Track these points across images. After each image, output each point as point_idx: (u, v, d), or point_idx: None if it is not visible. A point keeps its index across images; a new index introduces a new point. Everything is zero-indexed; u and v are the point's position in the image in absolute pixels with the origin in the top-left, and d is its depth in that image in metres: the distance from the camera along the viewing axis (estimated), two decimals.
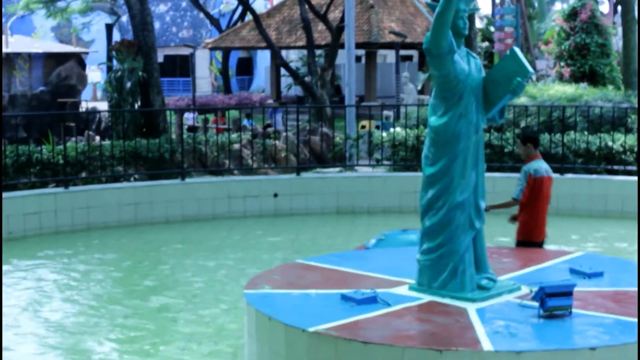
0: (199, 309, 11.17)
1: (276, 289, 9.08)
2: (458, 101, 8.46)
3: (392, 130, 20.66)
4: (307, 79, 35.72)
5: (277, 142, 22.42)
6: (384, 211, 17.65)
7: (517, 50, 8.53)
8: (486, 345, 7.27)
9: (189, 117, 33.05)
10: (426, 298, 8.63)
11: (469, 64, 8.55)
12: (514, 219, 11.45)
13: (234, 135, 22.00)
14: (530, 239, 11.12)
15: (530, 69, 8.44)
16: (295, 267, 10.17)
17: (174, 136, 22.58)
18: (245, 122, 28.20)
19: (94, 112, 32.44)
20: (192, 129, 27.27)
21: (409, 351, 7.22)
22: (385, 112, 29.03)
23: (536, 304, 8.09)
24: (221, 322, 10.65)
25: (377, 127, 22.63)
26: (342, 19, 31.60)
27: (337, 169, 20.04)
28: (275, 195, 17.47)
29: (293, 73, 36.40)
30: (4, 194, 16.50)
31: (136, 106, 22.60)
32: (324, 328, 7.68)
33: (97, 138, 24.35)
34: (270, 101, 42.24)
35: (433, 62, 8.45)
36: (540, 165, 11.16)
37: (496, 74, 8.58)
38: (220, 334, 10.13)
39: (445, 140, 8.53)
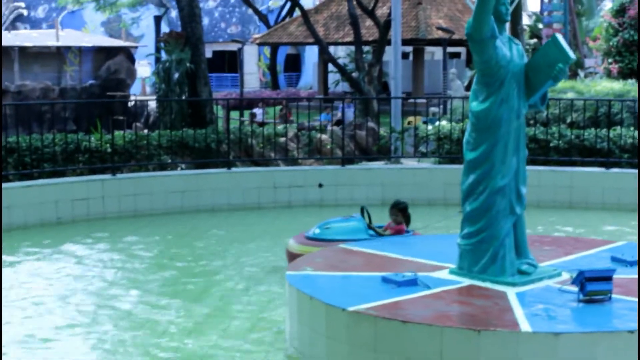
0: (243, 294, 11.30)
1: (318, 271, 9.21)
2: (499, 87, 8.53)
3: (437, 123, 20.72)
4: (354, 75, 35.81)
5: (323, 135, 22.54)
6: (429, 203, 17.70)
7: (559, 36, 8.58)
8: (524, 326, 7.34)
9: (257, 112, 33.11)
10: (466, 282, 8.71)
11: (510, 50, 8.62)
12: None
13: (279, 127, 22.15)
14: None
15: (572, 55, 8.47)
16: (337, 251, 10.31)
17: (220, 127, 22.77)
18: (323, 116, 28.21)
19: (143, 99, 32.72)
20: (262, 125, 27.31)
21: (447, 331, 7.31)
22: (432, 109, 29.07)
23: (576, 288, 8.14)
24: (264, 306, 10.76)
25: (425, 123, 22.69)
26: (389, 15, 31.63)
27: (382, 162, 20.12)
28: (321, 185, 17.59)
29: (341, 69, 36.48)
30: (53, 180, 16.84)
31: (183, 97, 22.84)
32: (363, 308, 7.80)
33: (146, 131, 24.62)
34: (319, 96, 42.32)
35: (475, 48, 8.53)
36: None
37: (538, 60, 8.63)
38: (263, 318, 10.24)
39: (487, 125, 8.60)
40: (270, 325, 9.82)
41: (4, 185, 16.12)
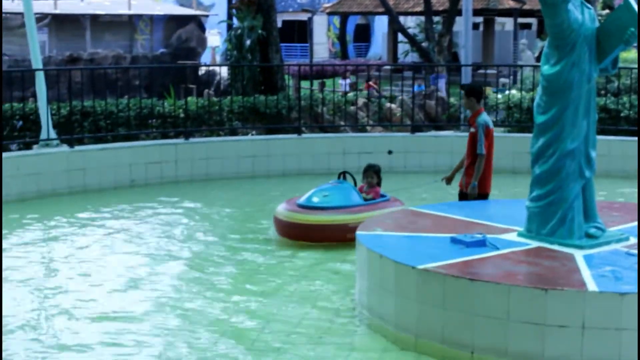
0: (312, 255, 11.48)
1: (388, 231, 9.38)
2: (571, 50, 8.57)
3: (507, 92, 20.72)
4: (424, 45, 35.77)
5: (392, 104, 22.63)
6: (497, 171, 17.56)
7: (631, 0, 8.59)
8: (591, 286, 7.43)
9: (342, 84, 33.15)
10: (534, 244, 8.80)
11: (582, 14, 8.65)
12: (449, 179, 12.05)
13: (350, 95, 22.28)
14: (483, 190, 11.51)
15: None
16: (406, 213, 10.47)
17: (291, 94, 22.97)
18: (416, 88, 28.22)
19: (215, 65, 32.92)
20: (345, 94, 27.33)
21: (515, 289, 7.42)
22: (502, 80, 28.97)
23: None
24: (331, 266, 10.93)
25: (495, 94, 22.67)
26: None
27: (451, 131, 20.18)
28: (390, 152, 17.69)
29: (410, 39, 36.46)
30: (127, 144, 17.17)
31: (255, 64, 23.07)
32: (432, 266, 7.95)
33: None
34: (387, 67, 42.26)
35: (547, 11, 8.58)
36: (488, 118, 11.61)
37: (609, 24, 8.65)
38: (332, 278, 10.41)
39: (558, 88, 8.65)
40: (340, 288, 10.02)
41: (80, 147, 16.52)
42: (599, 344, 7.26)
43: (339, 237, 11.69)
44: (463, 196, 11.59)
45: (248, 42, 22.99)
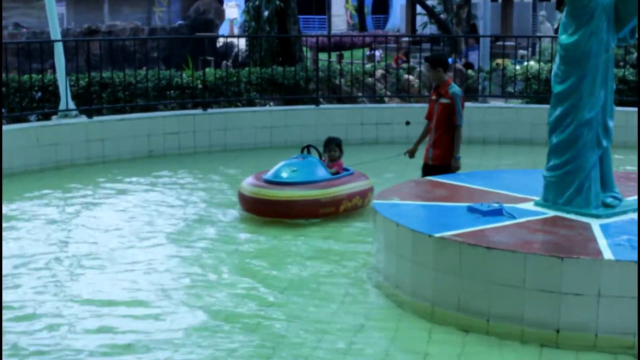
0: (329, 224, 11.53)
1: (404, 200, 9.41)
2: (589, 19, 8.55)
3: (525, 63, 20.67)
4: (442, 17, 35.61)
5: (410, 76, 22.59)
6: (515, 142, 17.79)
7: None
8: (607, 254, 7.44)
9: (377, 54, 33.00)
10: (551, 213, 8.82)
11: None
12: (412, 152, 11.75)
13: (368, 66, 22.26)
14: (449, 161, 11.23)
15: None
16: (423, 183, 10.49)
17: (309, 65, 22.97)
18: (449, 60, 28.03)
19: (232, 36, 32.88)
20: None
21: (531, 257, 7.44)
22: (521, 52, 28.84)
23: None
24: (351, 236, 10.98)
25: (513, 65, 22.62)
26: None
27: (469, 102, 20.14)
28: (408, 123, 17.67)
29: (429, 11, 36.26)
30: (145, 114, 17.24)
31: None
32: (449, 234, 7.98)
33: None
34: (405, 39, 42.09)
35: None
36: (459, 88, 11.39)
37: None
38: (349, 249, 10.45)
39: (575, 58, 8.64)
40: (357, 256, 10.08)
41: (98, 118, 16.60)
42: (614, 312, 7.28)
43: (311, 213, 11.50)
44: (427, 169, 11.27)
45: (266, 13, 22.98)
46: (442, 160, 11.18)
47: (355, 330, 7.78)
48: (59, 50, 16.36)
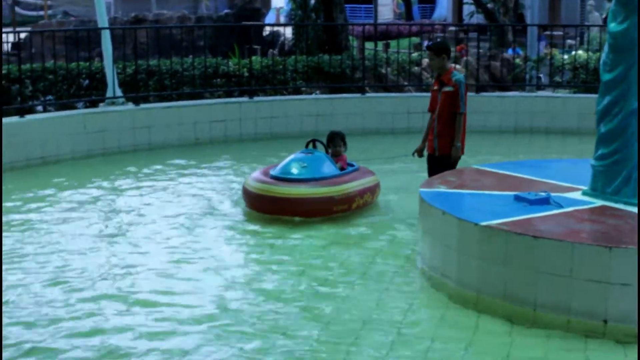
0: (373, 213, 11.51)
1: (450, 188, 9.37)
2: (638, 7, 8.45)
3: (573, 52, 20.50)
4: (489, 6, 35.38)
5: (457, 65, 22.48)
6: (562, 132, 17.66)
7: None
8: None
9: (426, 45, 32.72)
10: (599, 203, 8.73)
11: None
12: (421, 151, 11.16)
13: (414, 55, 22.19)
14: (457, 152, 10.87)
15: None
16: (470, 171, 10.44)
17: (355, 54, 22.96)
18: (510, 51, 27.86)
19: (279, 25, 32.88)
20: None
21: (578, 247, 7.37)
22: (568, 41, 28.59)
23: None
24: (396, 224, 10.97)
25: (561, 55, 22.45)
26: None
27: (516, 92, 20.04)
28: None
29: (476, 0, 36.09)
30: (192, 102, 17.31)
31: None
32: (495, 223, 7.92)
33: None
34: (452, 28, 41.88)
35: None
36: (462, 75, 11.01)
37: None
38: (395, 237, 10.45)
39: (624, 46, 8.53)
40: (402, 245, 10.06)
41: (145, 105, 16.68)
42: None
43: (325, 211, 11.06)
44: (433, 160, 10.97)
45: (312, 1, 22.99)
46: (446, 149, 10.86)
47: (401, 318, 7.76)
48: (106, 37, 16.47)
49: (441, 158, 10.85)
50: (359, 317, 7.78)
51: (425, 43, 31.07)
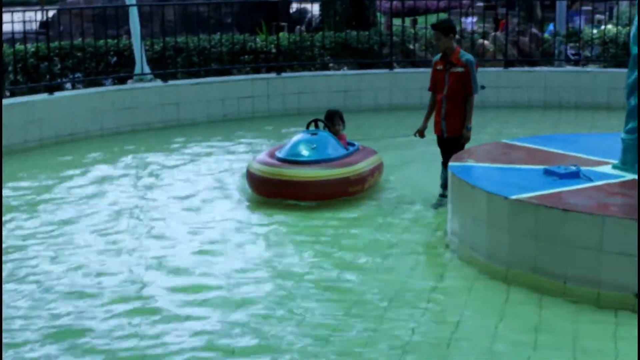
0: (400, 189, 11.49)
1: (480, 162, 9.34)
2: (638, 6, 8.37)
3: (602, 27, 20.36)
4: None
5: (485, 41, 22.36)
6: (592, 107, 17.55)
7: None
8: None
9: (466, 22, 32.54)
10: (629, 176, 8.67)
11: None
12: (423, 132, 10.86)
13: None
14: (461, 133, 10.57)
15: None
16: (499, 146, 10.42)
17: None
18: (549, 30, 27.51)
19: (306, 1, 32.74)
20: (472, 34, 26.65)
21: (608, 220, 7.33)
22: (597, 17, 28.37)
23: None
24: (416, 201, 10.92)
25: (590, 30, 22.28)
26: None
27: (545, 67, 19.94)
28: (483, 87, 17.50)
29: None
30: (220, 78, 17.33)
31: None
32: (525, 197, 7.90)
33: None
34: (480, 4, 41.55)
35: None
36: (471, 55, 10.74)
37: None
38: (419, 214, 10.43)
39: None
40: (427, 221, 10.06)
41: (173, 82, 16.72)
42: None
43: (341, 192, 10.68)
44: (443, 142, 10.65)
45: None
46: (459, 131, 10.54)
47: (430, 291, 7.77)
48: (134, 14, 16.52)
49: (451, 140, 10.54)
50: (389, 291, 7.78)
51: (467, 19, 30.92)
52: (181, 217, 10.29)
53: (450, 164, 9.24)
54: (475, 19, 31.53)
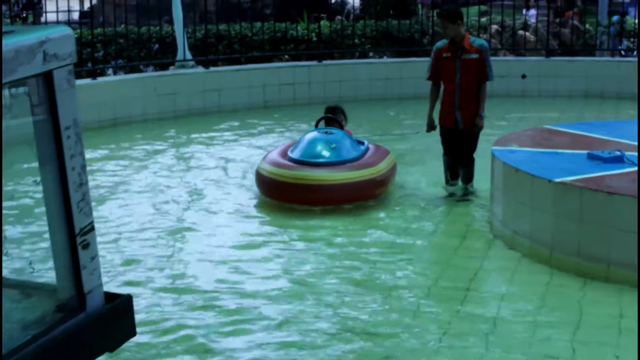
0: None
1: (523, 147, 9.34)
2: (638, 7, 8.34)
3: None
4: None
5: (526, 32, 22.32)
6: (633, 97, 17.40)
7: None
8: None
9: (530, 14, 32.35)
10: None
11: None
12: (431, 125, 10.38)
13: (483, 20, 22.05)
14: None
15: None
16: (542, 131, 10.41)
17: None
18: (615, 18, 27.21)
19: None
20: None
21: None
22: None
23: None
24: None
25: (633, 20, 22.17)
26: None
27: (586, 57, 19.85)
28: (524, 76, 17.52)
29: None
30: (261, 65, 17.40)
31: None
32: (569, 180, 7.89)
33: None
34: None
35: None
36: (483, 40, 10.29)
37: None
38: (455, 204, 10.38)
39: None
40: (463, 210, 10.06)
41: (215, 69, 16.83)
42: None
43: (368, 195, 9.99)
44: (453, 133, 10.27)
45: None
46: (472, 122, 10.19)
47: (474, 272, 7.80)
48: (176, 3, 16.59)
49: (467, 132, 10.24)
50: (431, 275, 7.81)
51: (529, 12, 30.75)
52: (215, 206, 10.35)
53: (493, 148, 9.24)
54: (536, 12, 31.33)
